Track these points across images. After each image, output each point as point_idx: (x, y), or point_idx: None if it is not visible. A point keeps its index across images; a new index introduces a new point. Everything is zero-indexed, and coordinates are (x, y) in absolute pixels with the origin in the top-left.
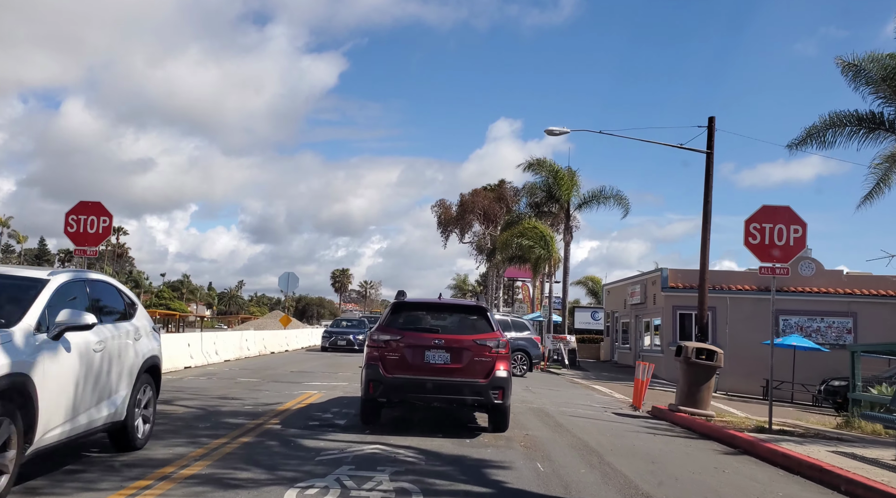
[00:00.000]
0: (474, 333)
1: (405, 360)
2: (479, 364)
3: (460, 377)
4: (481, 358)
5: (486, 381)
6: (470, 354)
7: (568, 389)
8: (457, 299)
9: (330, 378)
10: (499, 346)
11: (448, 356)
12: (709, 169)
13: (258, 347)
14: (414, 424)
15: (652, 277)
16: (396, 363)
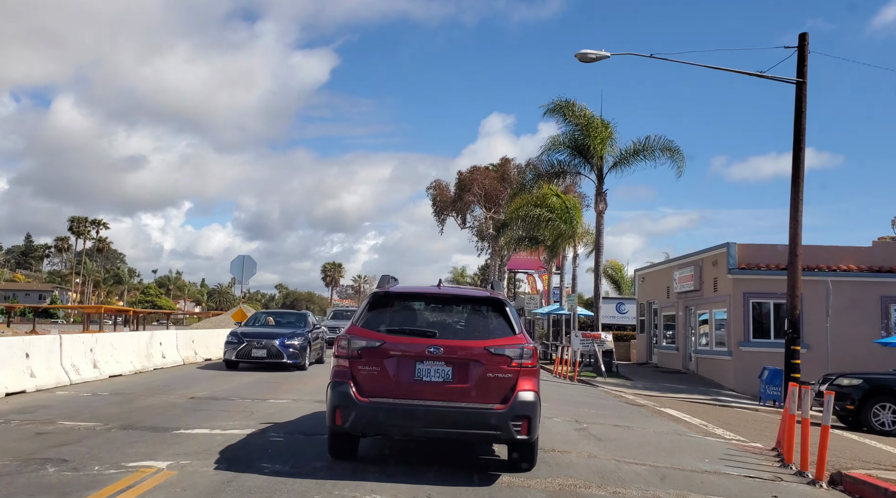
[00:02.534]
0: (487, 338)
1: (387, 376)
2: (495, 382)
3: (466, 402)
4: (498, 373)
5: (505, 407)
6: (481, 368)
7: (632, 416)
8: (463, 288)
9: (245, 414)
10: (523, 356)
11: (449, 371)
12: (800, 104)
13: (184, 353)
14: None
15: (712, 256)
16: (375, 381)
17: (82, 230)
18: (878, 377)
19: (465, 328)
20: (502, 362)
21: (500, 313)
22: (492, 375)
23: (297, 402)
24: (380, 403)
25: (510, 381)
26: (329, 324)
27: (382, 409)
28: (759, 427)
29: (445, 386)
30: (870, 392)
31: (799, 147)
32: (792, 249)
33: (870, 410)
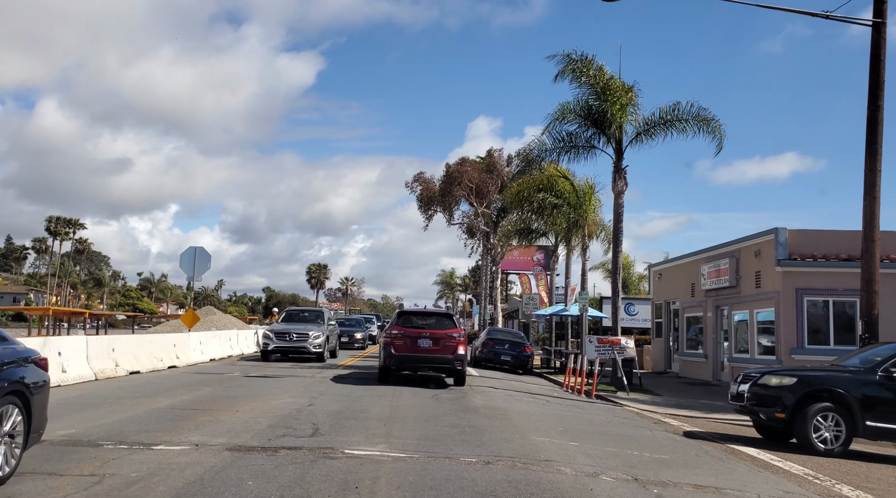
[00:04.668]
0: (445, 329)
1: (406, 344)
2: (449, 347)
3: (438, 354)
4: (449, 343)
5: (453, 356)
6: (443, 341)
7: (706, 463)
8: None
9: None
10: (460, 336)
11: (431, 342)
12: (878, 51)
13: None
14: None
15: (753, 245)
16: (401, 346)
17: (59, 231)
18: (819, 375)
19: (436, 325)
20: (451, 339)
21: (450, 318)
22: (447, 344)
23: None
24: (402, 355)
25: (455, 346)
26: (278, 328)
27: (404, 357)
28: (877, 473)
29: (430, 348)
30: (808, 396)
31: (876, 104)
32: (868, 234)
33: (808, 420)
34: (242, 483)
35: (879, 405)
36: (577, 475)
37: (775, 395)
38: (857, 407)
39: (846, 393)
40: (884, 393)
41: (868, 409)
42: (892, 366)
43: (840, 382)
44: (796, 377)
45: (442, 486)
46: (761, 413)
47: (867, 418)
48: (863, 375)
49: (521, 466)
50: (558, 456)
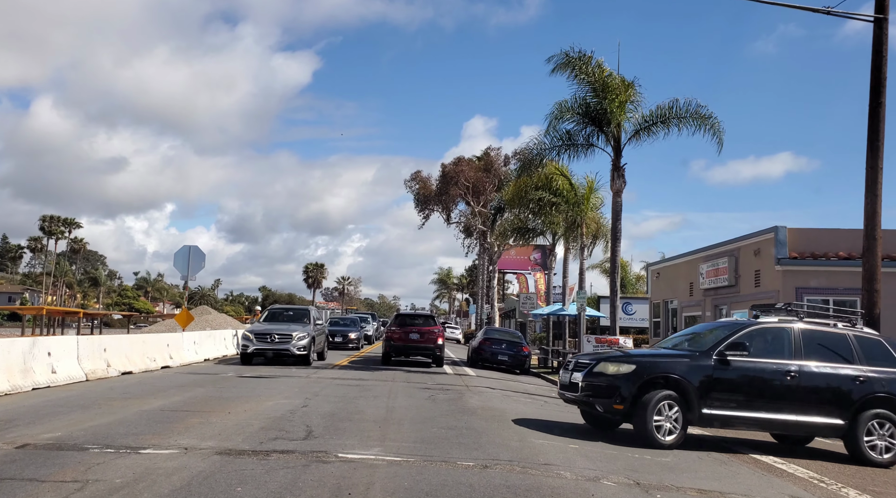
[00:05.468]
0: (429, 326)
1: (401, 337)
2: (431, 339)
3: (424, 344)
4: (431, 336)
5: (434, 346)
6: (427, 335)
7: (711, 468)
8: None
9: None
10: (438, 331)
11: (419, 335)
12: (880, 47)
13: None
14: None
15: (753, 244)
16: (398, 338)
17: (55, 230)
18: (658, 361)
19: (423, 323)
20: (433, 333)
21: (432, 318)
22: (430, 336)
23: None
24: (399, 344)
25: (435, 338)
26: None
27: (400, 346)
28: (883, 476)
29: (418, 339)
30: (648, 384)
31: (878, 101)
32: (869, 231)
33: (649, 410)
34: (231, 489)
35: (715, 391)
36: (578, 480)
37: (612, 384)
38: (694, 394)
39: (684, 379)
40: (719, 377)
41: (704, 395)
42: (727, 349)
43: (679, 369)
44: (635, 364)
45: (438, 491)
46: (598, 405)
47: (703, 405)
48: (699, 359)
49: (519, 470)
50: (558, 459)
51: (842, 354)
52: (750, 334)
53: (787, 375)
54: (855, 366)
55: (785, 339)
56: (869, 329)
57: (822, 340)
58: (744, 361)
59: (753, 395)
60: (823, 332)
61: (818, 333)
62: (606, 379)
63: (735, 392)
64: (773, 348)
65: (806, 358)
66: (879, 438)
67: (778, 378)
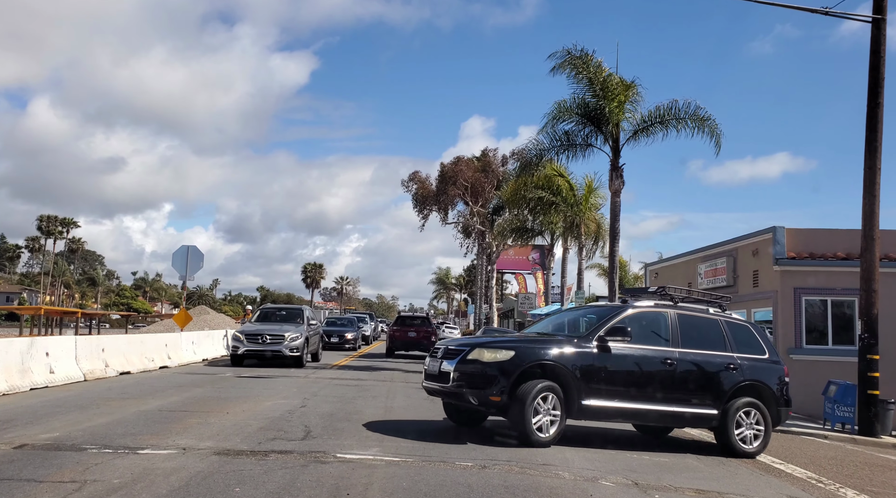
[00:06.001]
0: (425, 326)
1: (402, 335)
2: (426, 337)
3: (420, 341)
4: (427, 334)
5: (427, 342)
6: (423, 333)
7: (706, 467)
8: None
9: None
10: (433, 331)
11: (416, 333)
12: (878, 47)
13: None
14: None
15: (751, 244)
16: (398, 336)
17: (52, 229)
18: (540, 348)
19: (420, 324)
20: (427, 332)
21: (427, 320)
22: (425, 334)
23: None
24: (399, 341)
25: (429, 336)
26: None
27: (400, 342)
28: (881, 476)
29: (415, 337)
30: (527, 373)
31: (876, 102)
32: (867, 232)
33: (527, 403)
34: (229, 489)
35: (596, 380)
36: (576, 480)
37: (489, 373)
38: (574, 384)
39: (565, 367)
40: (600, 365)
41: (584, 385)
42: (608, 334)
43: (559, 356)
44: (514, 350)
45: (436, 492)
46: (472, 397)
47: (583, 396)
48: (579, 345)
49: (517, 470)
50: (556, 460)
51: (715, 340)
52: (629, 319)
53: (666, 363)
54: (727, 353)
55: (662, 324)
56: (737, 315)
57: (696, 325)
58: (625, 348)
59: (634, 384)
60: (698, 317)
61: (693, 319)
62: (482, 367)
63: (615, 381)
64: (651, 334)
65: (683, 345)
66: (747, 428)
67: (657, 366)
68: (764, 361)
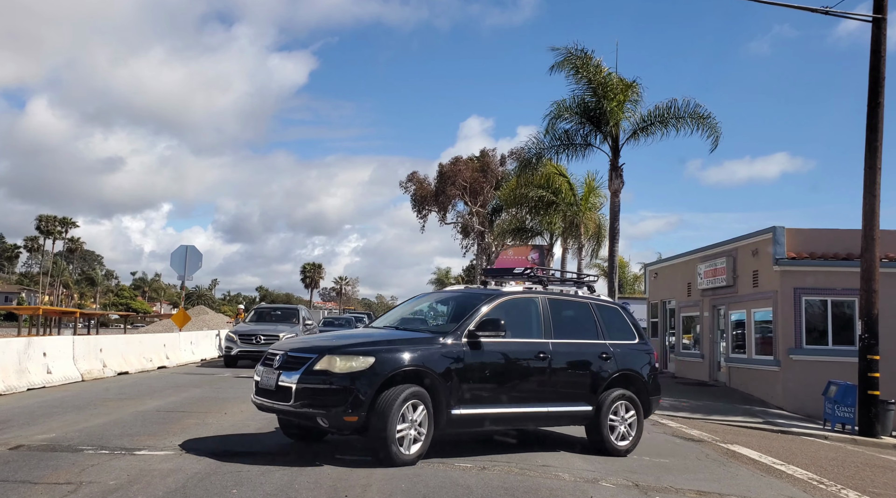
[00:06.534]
0: None
1: None
2: None
3: None
4: None
5: None
6: None
7: (707, 467)
8: None
9: None
10: None
11: None
12: (878, 47)
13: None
14: None
15: (751, 244)
16: None
17: (51, 230)
18: (401, 348)
19: None
20: None
21: None
22: None
23: None
24: None
25: None
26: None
27: None
28: (882, 477)
29: None
30: (389, 381)
31: (877, 101)
32: (868, 232)
33: (389, 417)
34: (227, 491)
35: (467, 383)
36: (577, 481)
37: (344, 387)
38: (443, 390)
39: (432, 371)
40: (472, 365)
41: (455, 390)
42: (479, 328)
43: (426, 357)
44: (373, 356)
45: (435, 493)
46: (323, 418)
47: (453, 404)
48: (446, 342)
49: (517, 471)
50: (556, 461)
51: (587, 326)
52: (500, 308)
53: (539, 357)
54: (600, 340)
55: (533, 311)
56: (606, 297)
57: (568, 311)
58: (497, 342)
59: (508, 385)
60: (568, 301)
61: (564, 303)
62: (335, 380)
63: (488, 383)
64: (523, 324)
65: (556, 334)
66: (621, 422)
67: (533, 361)
68: (635, 347)
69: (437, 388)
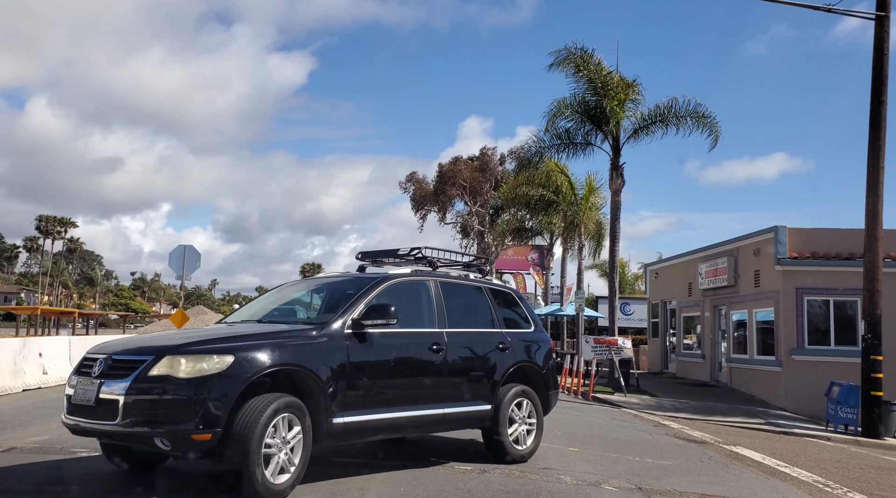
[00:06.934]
0: None
1: None
2: None
3: None
4: None
5: None
6: None
7: (711, 470)
8: None
9: None
10: None
11: None
12: (881, 45)
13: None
14: None
15: (752, 244)
16: None
17: (50, 230)
18: (268, 345)
19: None
20: None
21: None
22: None
23: None
24: None
25: None
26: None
27: None
28: (888, 479)
29: None
30: (252, 387)
31: (879, 100)
32: (871, 231)
33: (255, 435)
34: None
35: (351, 385)
36: (579, 484)
37: (191, 397)
38: (322, 394)
39: (310, 372)
40: (357, 362)
41: (336, 394)
42: (365, 316)
43: (301, 355)
44: (232, 353)
45: (435, 497)
46: (163, 439)
47: (334, 411)
48: (325, 335)
49: (518, 474)
50: (557, 463)
51: (483, 313)
52: (388, 292)
53: (433, 350)
54: (496, 329)
55: (424, 297)
56: (497, 281)
57: (462, 296)
58: (387, 333)
59: (401, 383)
60: (461, 285)
61: (457, 288)
62: (180, 388)
63: (377, 384)
64: (414, 312)
65: (451, 323)
66: (521, 422)
67: (425, 355)
68: (531, 336)
69: (314, 394)
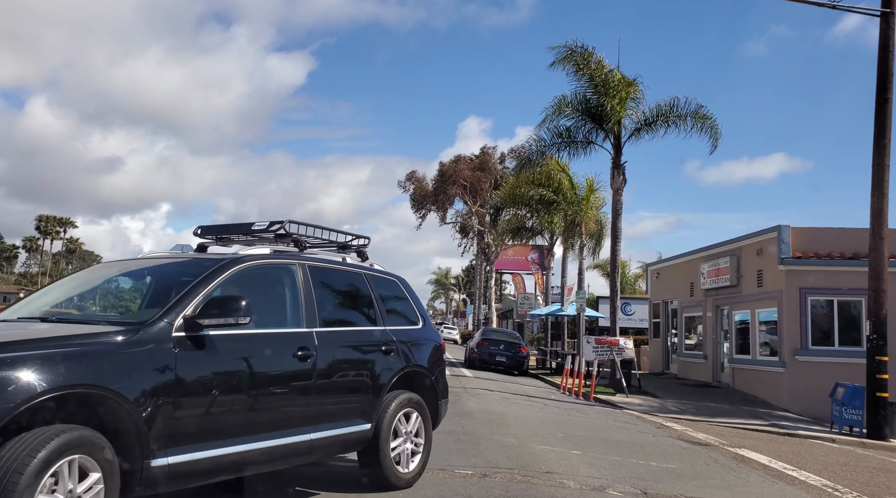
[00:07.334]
0: None
1: None
2: None
3: None
4: None
5: None
6: None
7: (717, 474)
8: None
9: None
10: None
11: None
12: (886, 41)
13: None
14: None
15: (755, 243)
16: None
17: (50, 230)
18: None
19: None
20: None
21: None
22: None
23: None
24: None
25: None
26: None
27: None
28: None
29: None
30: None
31: (885, 97)
32: (876, 230)
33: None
34: (211, 496)
35: (180, 413)
36: (582, 489)
37: None
38: (136, 429)
39: (120, 396)
40: (187, 378)
41: (159, 426)
42: (203, 313)
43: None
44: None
45: None
46: None
47: (158, 450)
48: (141, 339)
49: (520, 478)
50: (560, 467)
51: (363, 307)
52: (238, 280)
53: (301, 357)
54: (380, 326)
55: (289, 287)
56: (380, 266)
57: (337, 285)
58: (236, 336)
59: (251, 405)
60: (337, 271)
61: (331, 274)
62: None
63: (218, 406)
64: (274, 306)
65: (322, 321)
66: (406, 439)
67: (290, 364)
68: (419, 335)
69: (124, 422)
